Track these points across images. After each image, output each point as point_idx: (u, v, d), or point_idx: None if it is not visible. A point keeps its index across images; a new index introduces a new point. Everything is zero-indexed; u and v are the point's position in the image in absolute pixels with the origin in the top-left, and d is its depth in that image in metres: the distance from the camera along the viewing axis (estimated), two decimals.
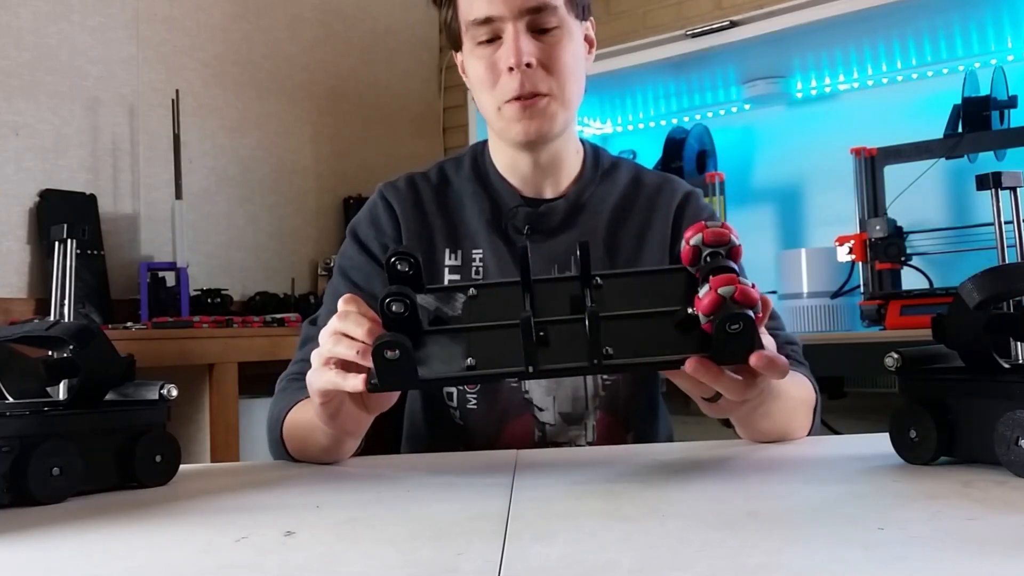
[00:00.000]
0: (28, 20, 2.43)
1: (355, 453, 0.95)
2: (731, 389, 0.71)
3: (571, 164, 1.16)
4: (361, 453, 0.96)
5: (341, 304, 0.78)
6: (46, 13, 2.47)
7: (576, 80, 1.08)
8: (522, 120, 1.06)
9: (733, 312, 0.65)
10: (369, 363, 0.70)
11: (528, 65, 1.03)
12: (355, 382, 0.73)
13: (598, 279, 0.72)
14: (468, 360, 0.69)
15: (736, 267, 0.70)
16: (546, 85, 1.05)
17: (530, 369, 0.68)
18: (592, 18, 1.14)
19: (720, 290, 0.66)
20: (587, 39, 1.13)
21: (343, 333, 0.76)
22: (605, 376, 1.08)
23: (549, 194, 1.15)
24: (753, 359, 0.67)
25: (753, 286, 0.67)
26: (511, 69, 1.03)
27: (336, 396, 0.80)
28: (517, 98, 1.05)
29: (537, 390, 1.08)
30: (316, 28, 3.22)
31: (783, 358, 0.69)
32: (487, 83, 1.07)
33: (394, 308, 0.69)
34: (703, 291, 0.67)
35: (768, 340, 0.73)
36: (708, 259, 0.70)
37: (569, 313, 0.71)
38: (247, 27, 2.99)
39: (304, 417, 0.94)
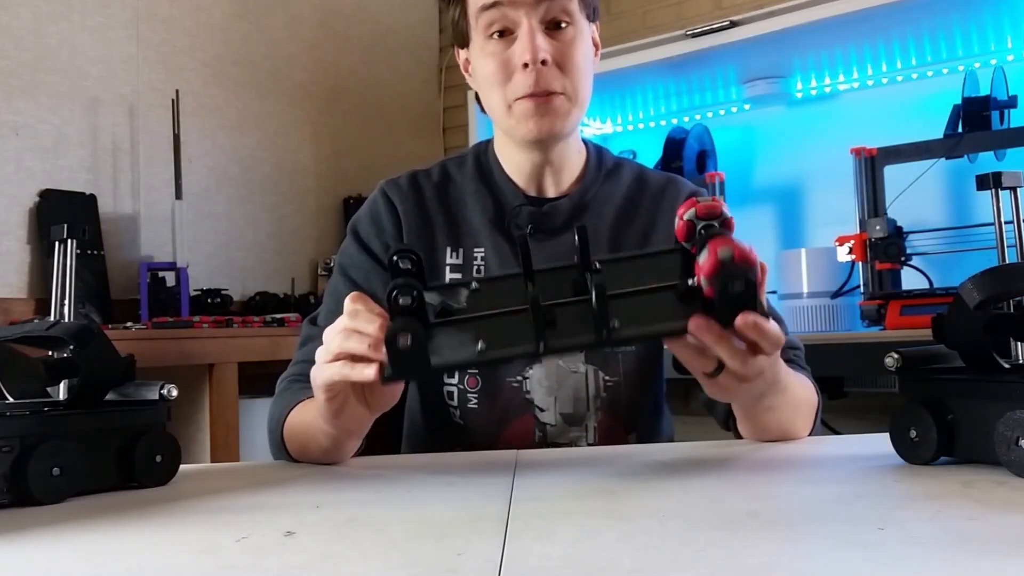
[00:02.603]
0: (28, 20, 2.43)
1: (355, 453, 0.95)
2: (732, 354, 0.72)
3: (574, 164, 1.16)
4: (361, 453, 0.96)
5: (348, 302, 0.78)
6: (46, 13, 2.47)
7: (587, 80, 1.08)
8: (534, 117, 1.05)
9: (734, 271, 0.67)
10: (381, 356, 0.71)
11: (543, 62, 1.03)
12: (368, 371, 0.74)
13: (597, 264, 0.73)
14: (479, 345, 0.70)
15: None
16: (560, 83, 1.05)
17: (541, 347, 0.69)
18: (597, 21, 1.14)
19: (719, 252, 0.67)
20: (593, 41, 1.13)
21: (354, 329, 0.76)
22: (607, 376, 1.08)
23: (552, 193, 1.15)
24: (741, 319, 0.69)
25: (751, 249, 0.68)
26: (526, 65, 1.03)
27: (342, 390, 0.80)
28: (531, 95, 1.04)
29: (538, 390, 1.08)
30: (316, 28, 3.21)
31: (775, 327, 0.72)
32: (498, 80, 1.06)
33: (401, 301, 0.69)
34: (702, 257, 0.69)
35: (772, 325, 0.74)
36: (703, 232, 0.71)
37: (572, 297, 0.72)
38: (247, 27, 2.99)
39: (305, 418, 0.94)
